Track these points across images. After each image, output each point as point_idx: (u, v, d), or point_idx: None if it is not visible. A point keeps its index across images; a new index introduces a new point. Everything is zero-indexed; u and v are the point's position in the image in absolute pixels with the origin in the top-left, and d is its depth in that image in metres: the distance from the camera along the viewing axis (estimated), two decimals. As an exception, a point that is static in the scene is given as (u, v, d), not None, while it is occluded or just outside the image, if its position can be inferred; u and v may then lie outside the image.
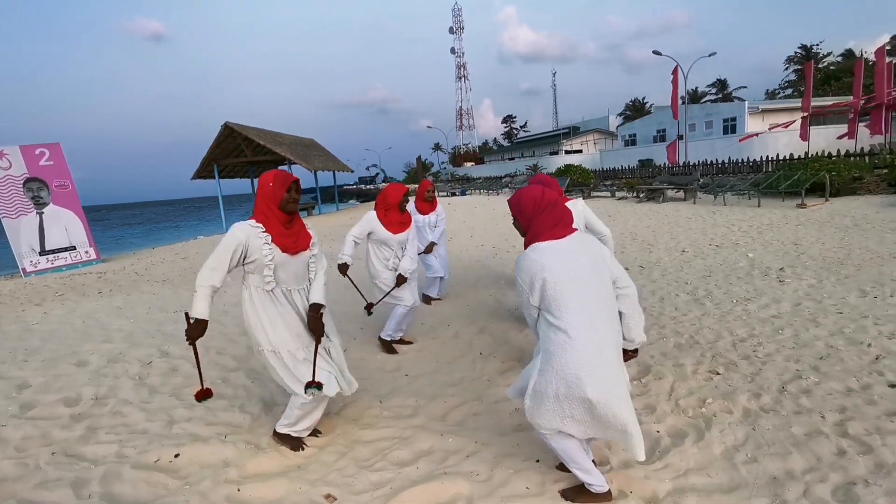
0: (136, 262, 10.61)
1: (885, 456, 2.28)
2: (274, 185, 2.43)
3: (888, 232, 7.84)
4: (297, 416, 2.63)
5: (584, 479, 2.08)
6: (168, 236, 26.87)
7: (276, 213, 2.44)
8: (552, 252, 1.94)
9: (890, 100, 19.31)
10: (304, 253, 2.56)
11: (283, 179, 2.45)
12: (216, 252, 2.38)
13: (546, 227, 1.99)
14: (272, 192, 2.43)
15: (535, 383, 1.97)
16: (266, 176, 2.48)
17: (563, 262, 1.91)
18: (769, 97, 48.09)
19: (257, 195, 2.49)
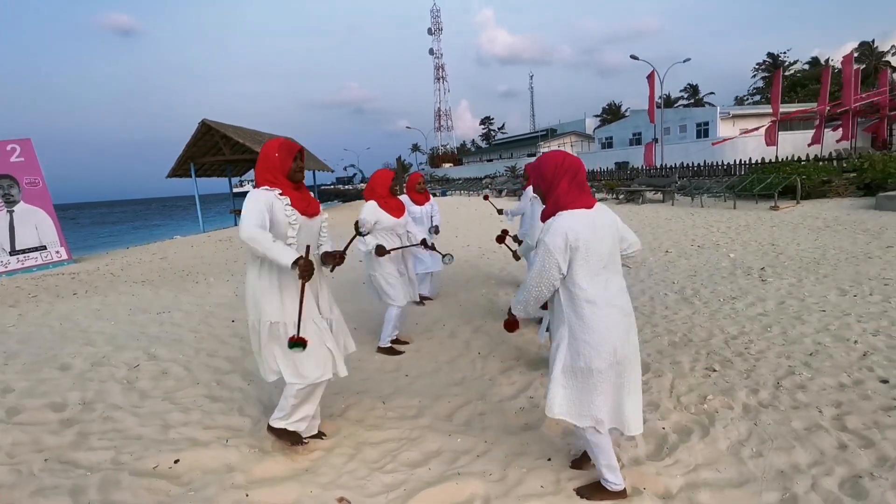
0: (110, 263, 10.27)
1: (886, 450, 2.35)
2: (280, 155, 2.35)
3: (859, 233, 8.14)
4: (291, 406, 2.51)
5: (609, 476, 2.09)
6: (142, 236, 26.15)
7: (284, 183, 2.37)
8: (585, 220, 1.94)
9: (857, 106, 20.07)
10: (318, 217, 2.53)
11: (289, 148, 2.38)
12: (251, 211, 2.20)
13: (574, 195, 1.98)
14: (279, 162, 2.35)
15: (564, 361, 1.98)
16: (270, 145, 2.38)
17: (593, 233, 1.93)
18: (738, 103, 49.49)
19: (260, 166, 2.38)
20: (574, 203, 1.96)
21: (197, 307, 5.97)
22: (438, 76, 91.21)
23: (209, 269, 8.68)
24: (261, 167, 2.39)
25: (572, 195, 1.97)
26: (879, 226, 8.57)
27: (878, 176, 11.48)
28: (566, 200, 1.97)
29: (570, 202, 1.96)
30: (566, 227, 1.91)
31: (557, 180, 2.00)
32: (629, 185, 18.52)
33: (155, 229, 32.63)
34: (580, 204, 1.96)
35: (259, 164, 2.40)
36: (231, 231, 16.72)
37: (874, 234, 7.87)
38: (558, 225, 1.93)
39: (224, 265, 9.16)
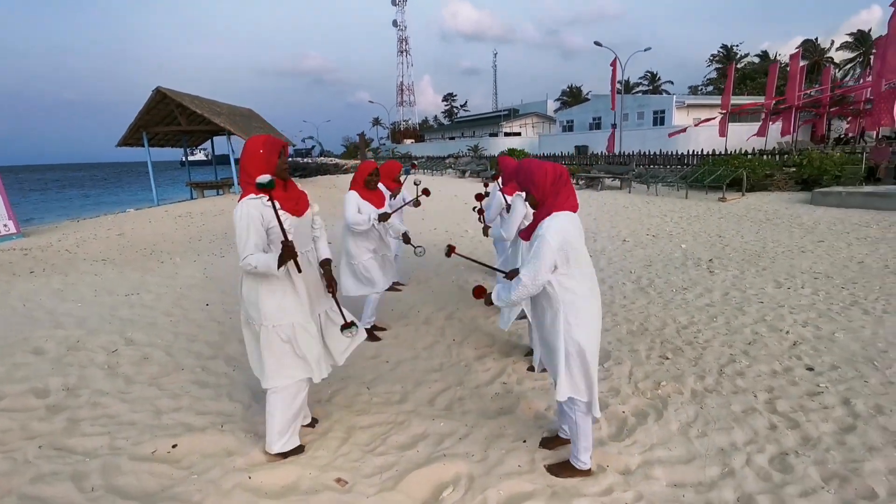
0: (63, 238, 9.84)
1: (809, 431, 2.76)
2: (265, 151, 2.30)
3: (795, 227, 8.86)
4: (278, 422, 2.52)
5: (582, 457, 2.38)
6: (92, 207, 24.84)
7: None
8: (572, 221, 2.22)
9: (799, 103, 21.28)
10: (308, 212, 2.56)
11: (273, 144, 2.34)
12: (245, 234, 2.25)
13: (565, 200, 2.24)
14: (264, 159, 2.30)
15: (565, 349, 2.23)
16: (253, 142, 2.33)
17: (578, 232, 2.23)
18: (692, 92, 51.17)
19: (243, 164, 2.32)
20: (564, 205, 2.22)
21: (167, 288, 5.93)
22: (402, 49, 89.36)
23: (173, 248, 8.51)
24: (245, 165, 2.31)
25: (562, 199, 2.22)
26: (813, 220, 9.34)
27: (814, 172, 12.37)
28: (558, 202, 2.22)
29: (560, 204, 2.21)
30: (563, 226, 2.16)
31: (550, 185, 2.22)
32: (589, 170, 19.08)
33: (105, 198, 30.99)
34: (569, 206, 2.23)
35: (243, 162, 2.33)
36: (188, 205, 16.19)
37: (808, 229, 8.59)
38: (556, 225, 2.15)
39: (188, 244, 8.99)
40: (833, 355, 3.73)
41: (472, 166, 24.89)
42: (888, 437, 2.67)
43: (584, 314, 2.24)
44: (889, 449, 2.56)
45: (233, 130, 17.54)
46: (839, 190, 10.72)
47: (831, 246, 7.28)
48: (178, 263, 7.31)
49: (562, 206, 2.22)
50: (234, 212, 2.31)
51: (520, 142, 40.83)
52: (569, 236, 2.16)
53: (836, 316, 4.53)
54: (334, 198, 16.94)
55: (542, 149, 36.14)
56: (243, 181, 2.35)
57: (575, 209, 2.27)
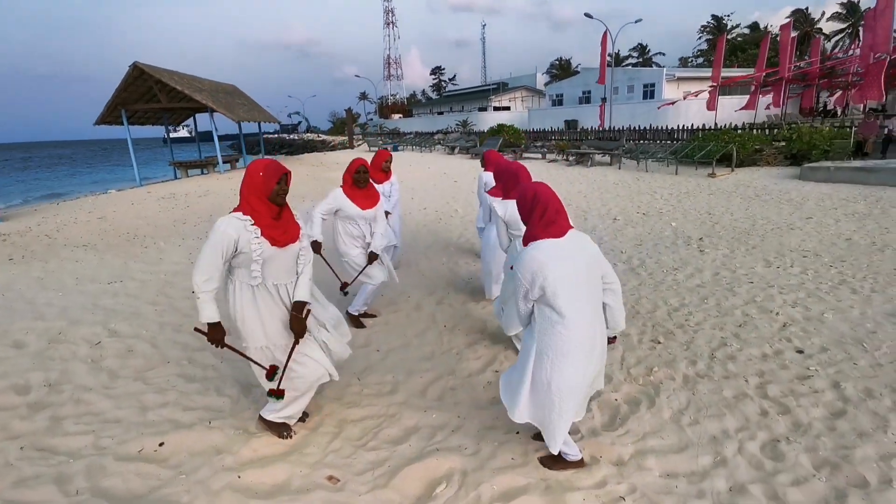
0: (42, 222, 9.61)
1: (800, 416, 2.77)
2: (265, 176, 2.33)
3: (784, 203, 8.87)
4: (283, 403, 2.62)
5: (566, 450, 2.37)
6: (71, 187, 24.27)
7: (265, 205, 2.36)
8: (554, 251, 2.07)
9: (790, 75, 21.18)
10: (294, 245, 2.49)
11: (274, 170, 2.35)
12: (206, 254, 2.26)
13: (542, 227, 2.12)
14: (262, 183, 2.33)
15: (532, 374, 2.17)
16: (255, 165, 2.37)
17: (562, 262, 2.06)
18: (682, 64, 50.75)
19: (243, 184, 2.35)
20: (543, 234, 2.11)
21: (151, 276, 5.81)
22: (388, 21, 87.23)
23: (157, 232, 8.33)
24: (244, 185, 2.36)
25: (541, 227, 2.12)
26: (802, 196, 9.36)
27: (804, 147, 12.37)
28: (536, 232, 2.13)
29: (538, 233, 2.11)
30: (533, 259, 2.05)
31: (530, 215, 2.15)
32: (578, 146, 18.94)
33: (85, 177, 30.29)
34: (548, 234, 2.10)
35: (243, 182, 2.37)
36: (172, 186, 15.87)
37: (797, 205, 8.61)
38: (527, 259, 2.07)
39: (172, 227, 8.81)
40: (822, 337, 3.75)
41: (462, 142, 24.58)
42: (878, 421, 2.69)
43: (564, 350, 2.09)
44: (879, 434, 2.58)
45: (215, 107, 17.11)
46: (828, 165, 10.73)
47: (819, 223, 7.31)
48: (163, 248, 7.16)
49: (540, 234, 2.12)
50: (214, 226, 2.31)
51: (509, 116, 40.38)
52: (542, 270, 2.03)
53: (824, 296, 4.55)
54: (321, 176, 16.71)
55: (532, 124, 35.79)
56: (241, 196, 2.38)
57: (558, 235, 2.11)
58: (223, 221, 2.30)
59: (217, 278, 2.29)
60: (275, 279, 2.47)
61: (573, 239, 2.15)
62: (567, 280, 2.05)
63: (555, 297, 2.05)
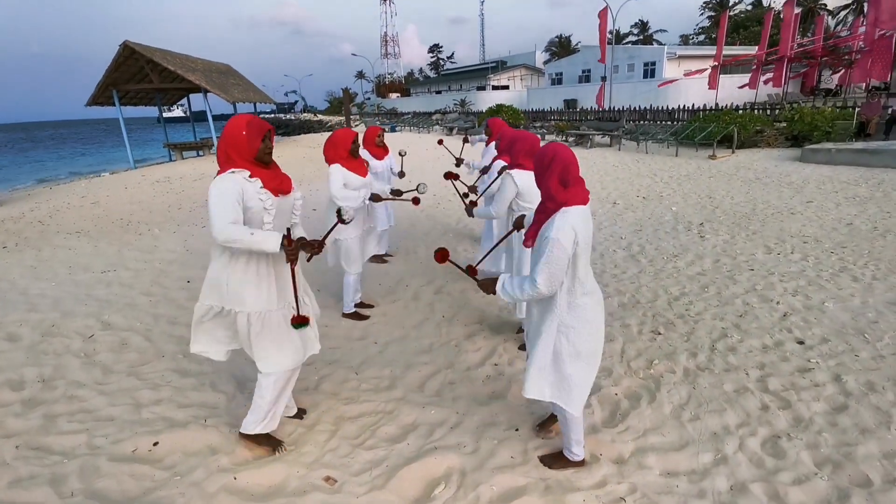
0: (35, 208, 9.48)
1: (801, 411, 2.75)
2: (248, 134, 2.13)
3: (784, 186, 8.79)
4: (268, 403, 2.42)
5: (575, 449, 2.34)
6: (64, 169, 23.99)
7: (252, 165, 2.19)
8: (585, 216, 2.05)
9: (792, 54, 20.85)
10: (291, 195, 2.38)
11: (258, 127, 2.17)
12: (220, 206, 2.05)
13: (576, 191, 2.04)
14: (245, 142, 2.13)
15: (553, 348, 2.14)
16: (236, 123, 2.14)
17: (587, 228, 2.05)
18: (683, 42, 49.98)
19: (223, 144, 2.15)
20: (576, 199, 2.03)
21: (145, 264, 5.74)
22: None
23: (151, 218, 8.22)
24: (225, 145, 2.15)
25: (573, 192, 2.03)
26: (803, 178, 9.28)
27: (805, 128, 12.22)
28: (566, 197, 2.02)
29: (569, 199, 2.02)
30: (573, 224, 1.98)
31: (568, 178, 2.03)
32: (578, 126, 18.73)
33: (78, 160, 29.92)
34: (578, 200, 2.03)
35: (222, 142, 2.17)
36: (167, 169, 15.68)
37: (797, 188, 8.53)
38: (568, 222, 1.98)
39: (167, 212, 8.70)
40: (823, 327, 3.72)
41: (460, 123, 24.29)
42: (881, 417, 2.67)
43: (590, 317, 2.14)
44: (882, 430, 2.56)
45: (209, 88, 16.81)
46: (829, 147, 10.61)
47: (820, 207, 7.24)
48: (157, 235, 7.07)
49: (573, 199, 2.03)
50: (210, 188, 2.11)
51: (508, 96, 39.88)
52: (580, 236, 1.99)
53: (825, 283, 4.52)
54: (318, 158, 16.49)
55: (531, 103, 35.36)
56: (222, 160, 2.18)
57: (586, 201, 2.08)
58: (219, 180, 2.11)
59: (239, 220, 2.09)
60: (279, 229, 2.32)
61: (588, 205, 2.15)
62: (586, 246, 2.06)
63: (577, 263, 2.04)
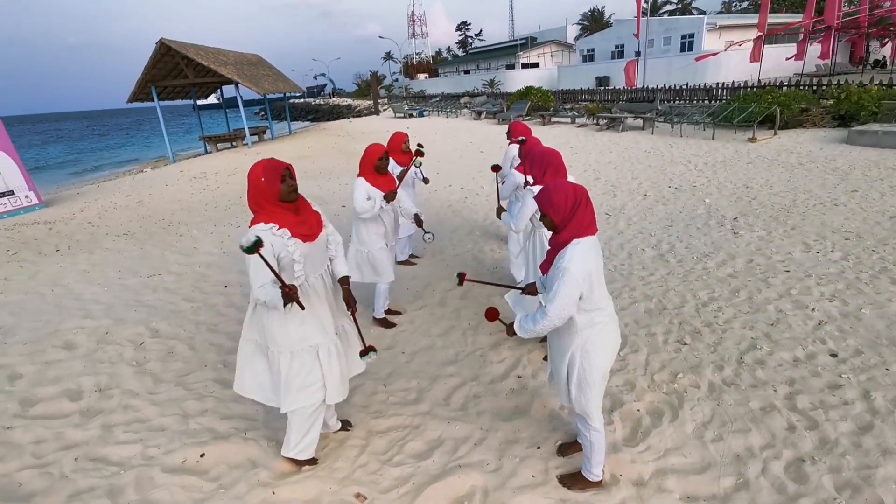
0: (85, 208, 10.00)
1: (828, 431, 2.73)
2: (267, 179, 2.25)
3: (829, 173, 8.42)
4: (298, 435, 2.60)
5: (595, 470, 2.42)
6: (107, 160, 25.06)
7: (279, 207, 2.31)
8: (593, 247, 2.13)
9: (838, 23, 19.63)
10: (322, 235, 2.50)
11: (274, 170, 2.26)
12: (254, 270, 2.21)
13: (585, 225, 2.13)
14: (266, 188, 2.25)
15: (579, 375, 2.24)
16: (255, 171, 2.26)
17: (598, 256, 2.16)
18: (726, 10, 47.56)
19: (250, 193, 2.29)
20: (587, 231, 2.12)
21: (186, 268, 6.03)
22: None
23: (190, 218, 8.58)
24: (251, 194, 2.29)
25: (585, 224, 2.12)
26: (849, 163, 8.85)
27: (852, 107, 11.58)
28: (579, 231, 2.11)
29: (581, 232, 2.11)
30: (585, 256, 2.07)
31: (572, 215, 2.11)
32: (610, 108, 18.25)
33: (120, 153, 31.15)
34: (591, 231, 2.13)
35: (249, 191, 2.30)
36: (203, 162, 16.19)
37: (842, 175, 8.16)
38: (579, 255, 2.06)
39: (204, 211, 9.04)
40: (858, 337, 3.64)
41: (488, 107, 24.00)
42: (908, 440, 2.63)
43: (610, 342, 2.24)
44: (907, 455, 2.53)
45: (241, 81, 17.19)
46: (876, 128, 10.05)
47: (865, 197, 6.93)
48: (196, 237, 7.38)
49: (584, 232, 2.12)
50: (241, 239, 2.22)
51: (538, 74, 39.03)
52: (591, 265, 2.08)
53: (863, 287, 4.38)
54: (346, 149, 16.70)
55: (562, 82, 34.54)
56: (253, 206, 2.33)
57: (594, 232, 2.16)
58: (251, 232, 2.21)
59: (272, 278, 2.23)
60: (313, 273, 2.49)
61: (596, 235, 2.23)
62: (599, 273, 2.15)
63: (592, 291, 2.12)
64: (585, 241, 2.11)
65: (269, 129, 22.77)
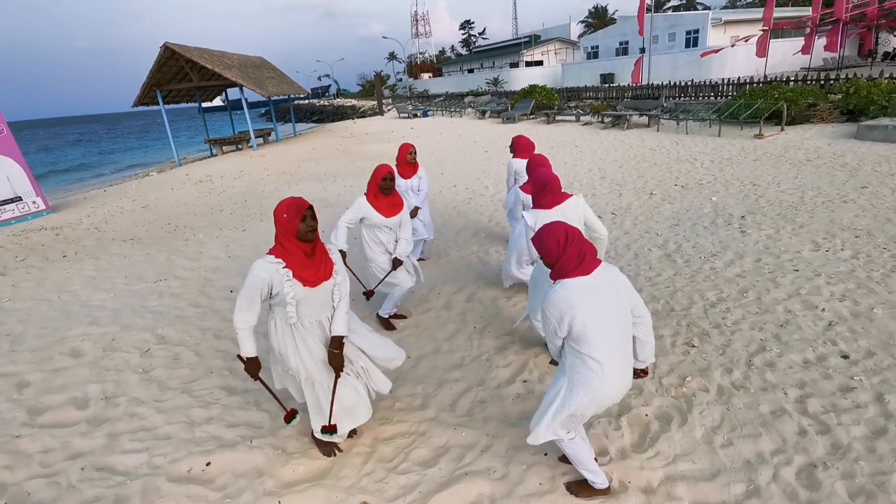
0: (91, 213, 10.05)
1: (840, 436, 2.69)
2: (289, 216, 2.37)
3: (837, 169, 8.31)
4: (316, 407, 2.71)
5: (590, 478, 2.39)
6: (112, 162, 25.22)
7: (295, 244, 2.40)
8: (580, 289, 2.06)
9: (847, 16, 19.41)
10: (327, 283, 2.51)
11: (296, 209, 2.37)
12: (243, 295, 2.38)
13: (572, 265, 2.09)
14: (287, 224, 2.37)
15: (559, 405, 2.20)
16: (280, 207, 2.40)
17: (590, 300, 2.06)
18: (731, 5, 47.18)
19: (276, 224, 2.42)
20: (573, 273, 2.08)
21: (192, 272, 6.04)
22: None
23: (195, 222, 8.60)
24: (276, 226, 2.43)
25: (572, 265, 2.09)
26: (858, 159, 8.73)
27: (861, 102, 11.44)
28: (565, 271, 2.10)
29: (567, 272, 2.09)
30: (561, 298, 2.05)
31: (562, 254, 2.10)
32: (615, 105, 18.15)
33: (126, 156, 31.37)
34: (577, 273, 2.08)
35: (275, 223, 2.43)
36: (208, 166, 16.24)
37: (851, 171, 8.06)
38: (555, 299, 2.07)
39: (210, 215, 9.06)
40: (870, 338, 3.58)
41: (492, 106, 23.94)
42: (924, 445, 2.58)
43: (594, 386, 2.12)
44: (923, 460, 2.48)
45: (245, 84, 17.23)
46: (886, 123, 9.92)
47: (875, 193, 6.84)
48: (202, 241, 7.40)
49: (570, 273, 2.09)
50: (253, 265, 2.39)
51: (542, 73, 38.92)
52: (571, 309, 2.03)
53: (875, 286, 4.32)
54: (351, 150, 16.73)
55: (566, 80, 34.41)
56: (277, 237, 2.44)
57: (586, 273, 2.09)
58: (257, 264, 2.38)
59: (254, 315, 2.42)
60: (310, 317, 2.53)
61: (600, 274, 2.13)
62: (596, 317, 2.06)
63: (583, 335, 2.07)
64: (570, 284, 2.07)
65: (273, 131, 22.82)
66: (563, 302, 2.05)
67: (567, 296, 2.05)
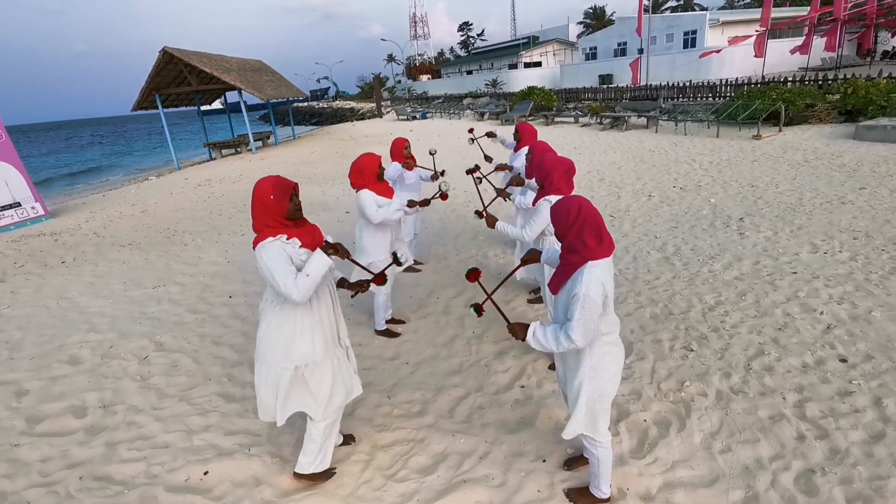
0: (90, 218, 10.05)
1: (838, 441, 2.69)
2: (276, 197, 2.25)
3: (836, 170, 8.32)
4: (319, 446, 2.59)
5: (603, 487, 2.38)
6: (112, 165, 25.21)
7: (285, 224, 2.32)
8: (609, 268, 2.10)
9: (845, 16, 19.43)
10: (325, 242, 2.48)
11: (283, 188, 2.28)
12: (278, 270, 2.21)
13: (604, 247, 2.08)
14: (275, 206, 2.26)
15: (588, 396, 2.20)
16: (263, 187, 2.25)
17: (612, 279, 2.11)
18: (729, 6, 47.25)
19: (256, 210, 2.27)
20: (604, 253, 2.07)
21: (191, 278, 6.04)
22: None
23: (195, 227, 8.60)
24: (257, 212, 2.27)
25: (602, 248, 2.07)
26: (856, 160, 8.74)
27: (859, 102, 11.45)
28: (596, 253, 2.06)
29: (598, 253, 2.06)
30: (601, 278, 2.03)
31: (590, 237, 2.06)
32: (613, 106, 18.16)
33: (124, 159, 31.37)
34: (606, 253, 2.08)
35: (255, 208, 2.28)
36: (207, 169, 16.24)
37: (850, 172, 8.06)
38: (595, 278, 2.02)
39: (209, 220, 9.06)
40: (868, 341, 3.58)
41: (491, 107, 23.95)
42: (922, 450, 2.58)
43: (616, 363, 2.21)
44: (921, 466, 2.48)
45: (244, 87, 17.25)
46: (884, 123, 9.93)
47: (873, 194, 6.84)
48: (201, 246, 7.40)
49: (601, 254, 2.07)
50: (258, 256, 2.27)
51: (540, 74, 38.95)
52: (608, 287, 2.05)
53: (873, 288, 4.32)
54: (351, 153, 16.70)
55: (565, 81, 34.43)
56: (258, 225, 2.30)
57: (610, 254, 2.10)
58: (264, 246, 2.25)
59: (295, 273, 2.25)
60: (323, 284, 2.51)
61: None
62: (611, 295, 2.12)
63: (605, 315, 2.11)
64: (601, 264, 2.06)
65: (272, 134, 22.83)
66: (603, 280, 2.03)
67: (602, 277, 2.04)
